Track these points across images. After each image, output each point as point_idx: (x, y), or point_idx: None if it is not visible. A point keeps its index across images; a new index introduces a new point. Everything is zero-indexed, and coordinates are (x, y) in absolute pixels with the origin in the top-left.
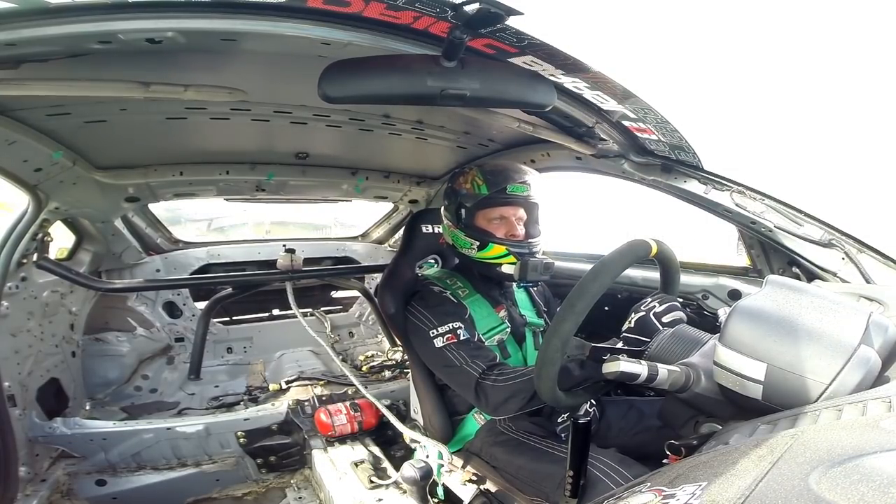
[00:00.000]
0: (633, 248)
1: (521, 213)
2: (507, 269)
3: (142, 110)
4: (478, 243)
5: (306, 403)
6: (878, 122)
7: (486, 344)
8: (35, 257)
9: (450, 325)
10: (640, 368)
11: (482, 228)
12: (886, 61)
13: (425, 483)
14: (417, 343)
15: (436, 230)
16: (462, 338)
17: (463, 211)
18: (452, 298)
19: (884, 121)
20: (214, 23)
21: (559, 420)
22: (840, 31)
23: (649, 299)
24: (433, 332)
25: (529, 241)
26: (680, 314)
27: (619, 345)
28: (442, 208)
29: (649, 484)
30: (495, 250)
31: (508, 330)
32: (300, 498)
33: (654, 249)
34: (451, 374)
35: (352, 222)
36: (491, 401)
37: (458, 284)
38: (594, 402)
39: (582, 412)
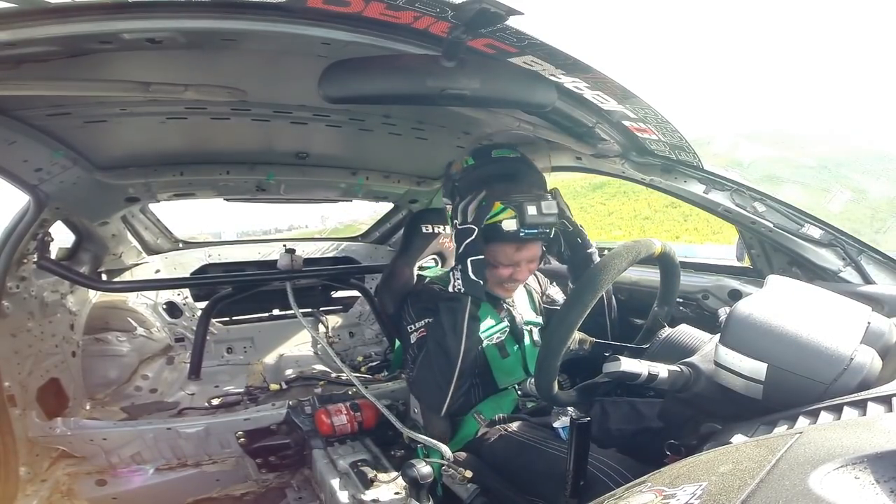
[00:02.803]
0: (641, 244)
1: None
2: (507, 224)
3: (142, 110)
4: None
5: (306, 403)
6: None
7: (484, 343)
8: (35, 257)
9: (427, 319)
10: (640, 368)
11: None
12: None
13: (425, 483)
14: (403, 342)
15: (436, 230)
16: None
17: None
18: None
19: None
20: (214, 23)
21: (559, 420)
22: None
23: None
24: (410, 328)
25: None
26: None
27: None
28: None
29: (649, 484)
30: (494, 206)
31: (508, 329)
32: (300, 498)
33: (660, 250)
34: (407, 373)
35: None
36: (418, 396)
37: None
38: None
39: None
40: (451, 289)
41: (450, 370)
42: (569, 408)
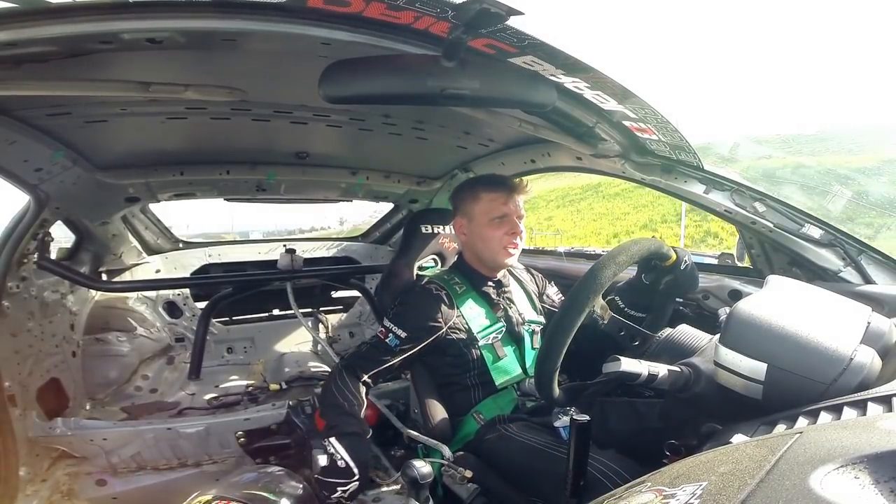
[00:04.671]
0: (648, 243)
1: None
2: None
3: (142, 110)
4: None
5: (306, 403)
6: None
7: (480, 343)
8: (36, 257)
9: (392, 325)
10: (640, 368)
11: None
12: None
13: (425, 483)
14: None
15: (435, 230)
16: (387, 340)
17: None
18: (445, 298)
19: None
20: (214, 23)
21: (559, 420)
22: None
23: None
24: (384, 321)
25: None
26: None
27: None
28: None
29: (649, 484)
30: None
31: (504, 329)
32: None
33: (674, 258)
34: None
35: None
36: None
37: (455, 281)
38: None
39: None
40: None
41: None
42: (569, 407)
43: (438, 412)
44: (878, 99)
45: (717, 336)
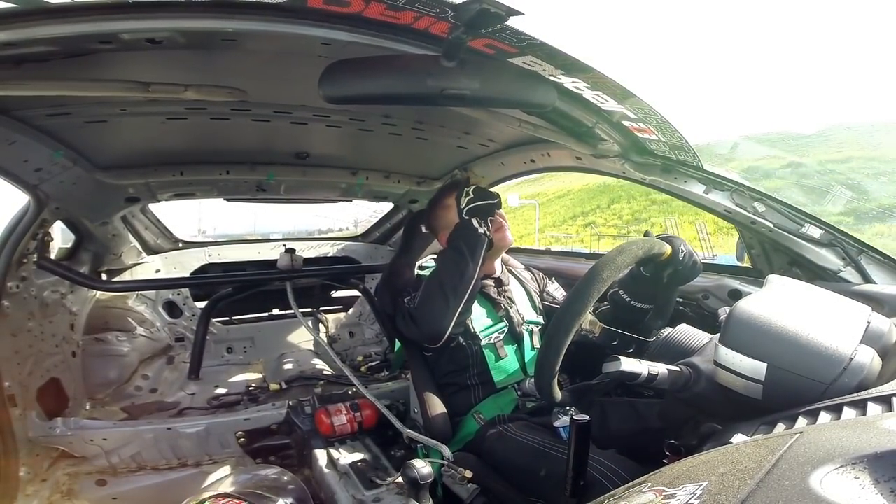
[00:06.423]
0: (647, 242)
1: None
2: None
3: (142, 110)
4: None
5: (306, 403)
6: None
7: (482, 342)
8: (35, 257)
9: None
10: (640, 368)
11: None
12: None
13: (425, 483)
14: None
15: None
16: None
17: None
18: None
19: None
20: (214, 23)
21: (559, 420)
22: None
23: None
24: (405, 298)
25: None
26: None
27: None
28: None
29: (649, 484)
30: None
31: (506, 329)
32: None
33: (669, 252)
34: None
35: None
36: (420, 318)
37: None
38: (591, 403)
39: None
40: (478, 227)
41: (461, 286)
42: (569, 407)
43: (438, 409)
44: (879, 97)
45: (717, 336)
